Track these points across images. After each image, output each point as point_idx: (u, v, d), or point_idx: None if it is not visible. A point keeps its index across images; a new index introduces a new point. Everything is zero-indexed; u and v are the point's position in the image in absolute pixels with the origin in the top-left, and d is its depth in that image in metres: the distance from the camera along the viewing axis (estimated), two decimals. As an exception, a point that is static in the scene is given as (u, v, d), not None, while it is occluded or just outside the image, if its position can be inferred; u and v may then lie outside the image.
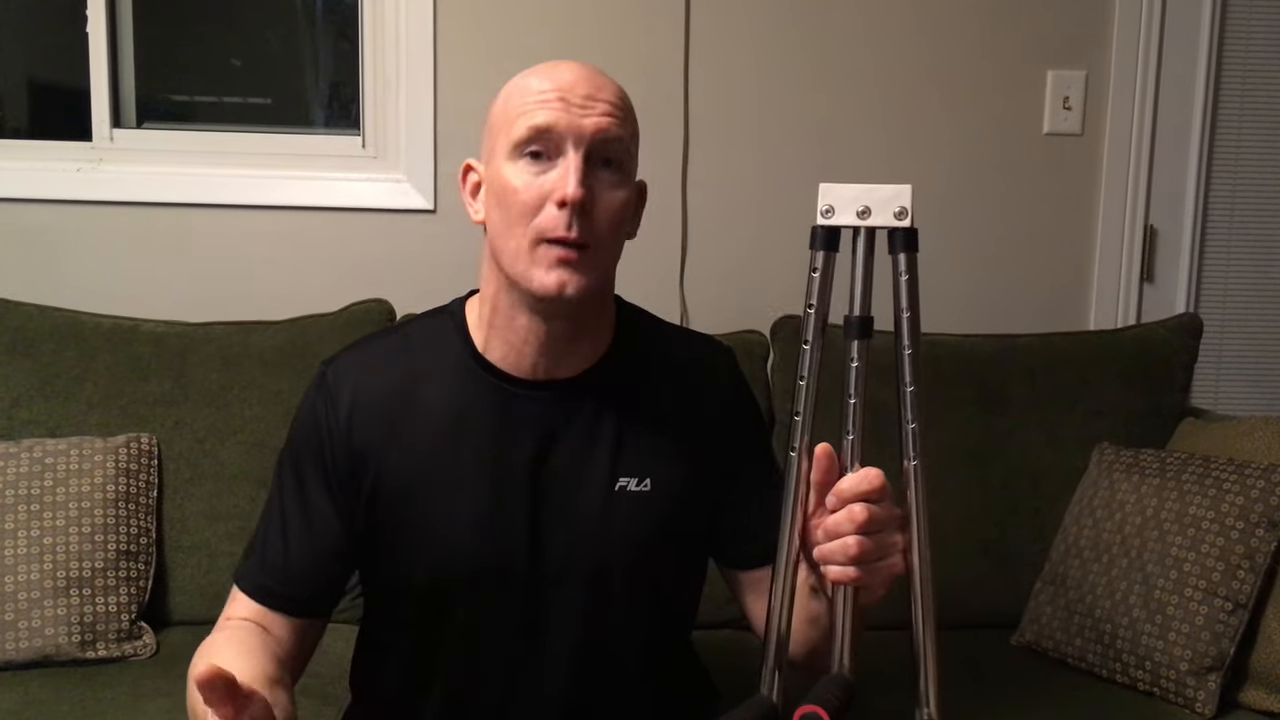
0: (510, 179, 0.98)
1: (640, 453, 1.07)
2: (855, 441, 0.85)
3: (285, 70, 2.35)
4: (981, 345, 1.94)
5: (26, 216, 2.04)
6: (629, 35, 2.09)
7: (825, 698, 0.77)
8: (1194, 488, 1.58)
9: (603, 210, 0.98)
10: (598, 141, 0.98)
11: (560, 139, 0.97)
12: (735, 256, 2.15)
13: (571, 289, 0.97)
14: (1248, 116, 2.28)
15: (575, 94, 0.98)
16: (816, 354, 0.85)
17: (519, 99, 0.99)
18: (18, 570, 1.57)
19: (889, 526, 0.85)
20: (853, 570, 0.84)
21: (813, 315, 0.85)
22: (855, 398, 0.84)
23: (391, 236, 2.09)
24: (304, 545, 1.07)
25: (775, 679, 0.86)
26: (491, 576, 1.05)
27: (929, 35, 2.16)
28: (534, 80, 1.00)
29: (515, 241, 0.98)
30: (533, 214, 0.97)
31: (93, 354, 1.77)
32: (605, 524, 1.06)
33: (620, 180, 1.01)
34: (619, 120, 1.00)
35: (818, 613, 1.01)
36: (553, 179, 0.97)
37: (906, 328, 0.82)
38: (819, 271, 0.85)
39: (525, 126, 0.97)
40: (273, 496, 1.11)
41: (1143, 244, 2.25)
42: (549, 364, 1.05)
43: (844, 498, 0.84)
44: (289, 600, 1.07)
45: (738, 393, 1.17)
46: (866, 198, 0.83)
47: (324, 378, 1.09)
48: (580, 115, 0.97)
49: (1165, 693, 1.52)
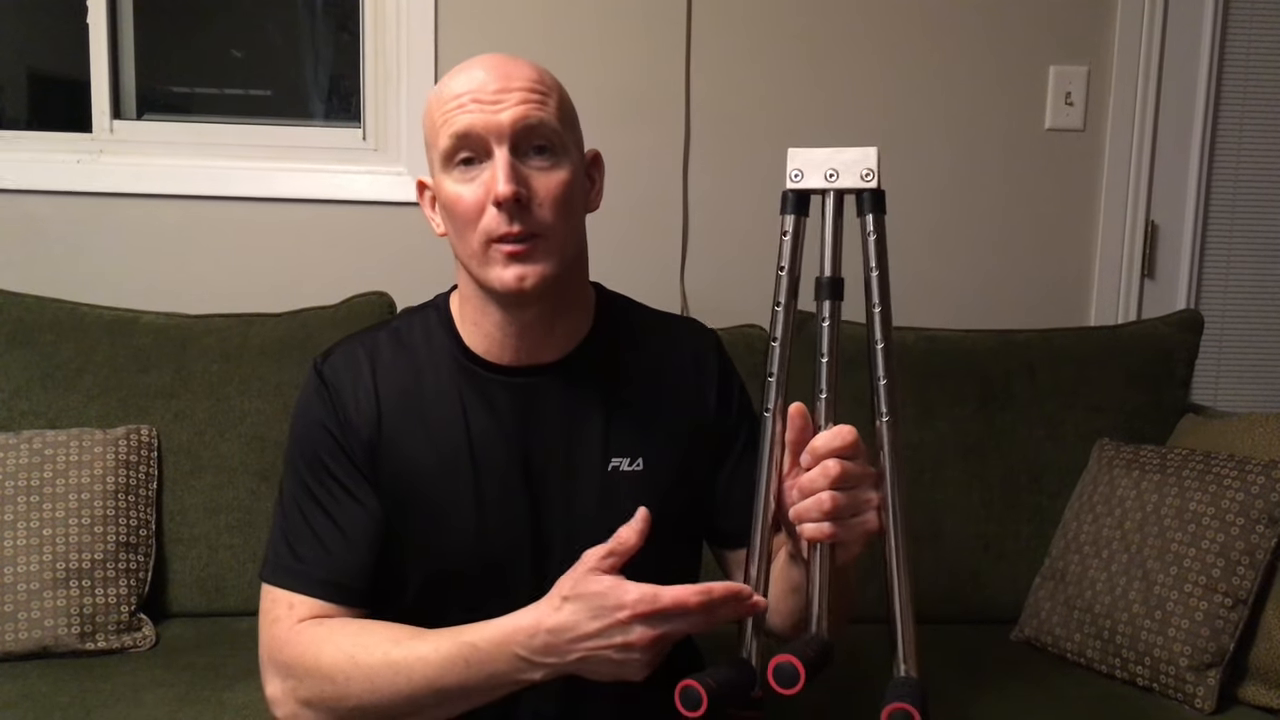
0: (450, 190, 1.00)
1: (630, 432, 1.08)
2: (828, 401, 0.86)
3: (286, 62, 2.34)
4: (982, 340, 1.94)
5: (27, 207, 2.03)
6: (630, 26, 2.08)
7: (801, 651, 0.77)
8: (1194, 484, 1.58)
9: (544, 197, 0.99)
10: (520, 131, 0.98)
11: (482, 140, 0.98)
12: (736, 251, 2.15)
13: (530, 280, 0.98)
14: (1249, 113, 2.28)
15: (486, 92, 0.98)
16: (789, 316, 0.88)
17: (439, 110, 1.00)
18: (17, 561, 1.57)
19: (863, 482, 0.86)
20: (828, 526, 0.85)
21: (784, 277, 0.88)
22: (827, 356, 0.86)
23: (392, 229, 2.09)
24: (352, 533, 1.05)
25: (754, 644, 0.87)
26: (491, 565, 1.06)
27: (931, 30, 2.16)
28: (446, 88, 1.00)
29: (469, 247, 1.00)
30: (477, 218, 0.98)
31: (93, 345, 1.77)
32: (601, 505, 1.06)
33: (555, 162, 1.01)
34: (537, 103, 0.99)
35: (799, 582, 1.00)
36: (486, 180, 0.98)
37: (876, 285, 0.85)
38: (789, 235, 0.88)
39: (447, 136, 0.98)
40: (295, 497, 1.08)
41: (1144, 240, 2.25)
42: (529, 350, 1.06)
43: (818, 454, 0.85)
44: (357, 593, 1.05)
45: (722, 370, 1.17)
46: (833, 160, 0.85)
47: (320, 375, 1.09)
48: (494, 111, 0.97)
49: (1165, 688, 1.52)
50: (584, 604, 0.88)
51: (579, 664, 0.90)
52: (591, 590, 0.87)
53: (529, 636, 0.91)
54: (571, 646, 0.89)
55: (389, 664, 0.96)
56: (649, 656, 0.88)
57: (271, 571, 1.06)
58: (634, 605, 0.85)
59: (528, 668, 0.92)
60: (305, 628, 1.02)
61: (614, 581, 0.87)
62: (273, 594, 1.05)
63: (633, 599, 0.86)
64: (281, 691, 1.01)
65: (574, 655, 0.89)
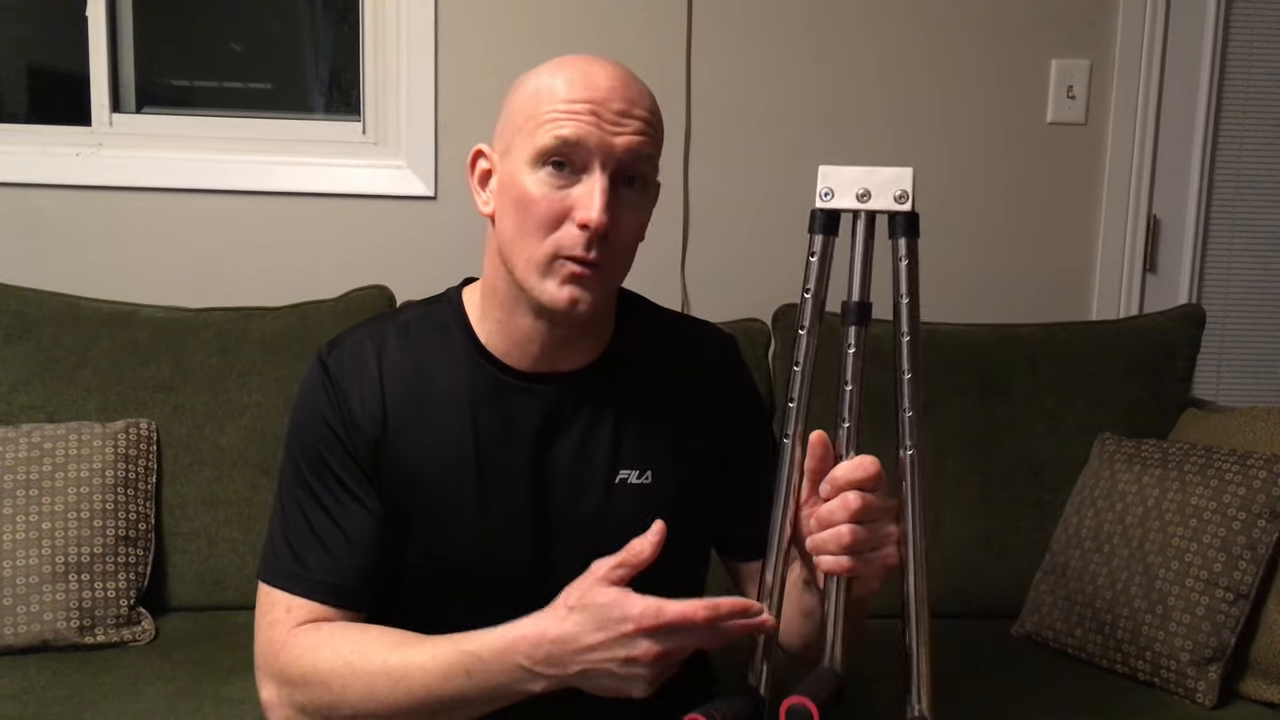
0: (530, 188, 0.95)
1: (641, 445, 1.06)
2: (851, 429, 0.84)
3: (286, 55, 2.33)
4: (983, 334, 1.93)
5: (26, 201, 2.03)
6: (631, 19, 2.08)
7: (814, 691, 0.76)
8: (1196, 478, 1.58)
9: (623, 232, 0.96)
10: (627, 161, 0.95)
11: (588, 155, 0.93)
12: (737, 245, 2.15)
13: (584, 306, 0.96)
14: (1252, 107, 2.27)
15: (609, 108, 0.93)
16: (813, 340, 0.85)
17: (547, 102, 0.94)
18: (16, 555, 1.56)
19: (884, 516, 0.83)
20: (846, 560, 0.83)
21: (810, 301, 0.84)
22: (851, 384, 0.84)
23: (392, 223, 2.09)
24: (351, 533, 1.02)
25: (764, 669, 0.85)
26: (492, 569, 1.04)
27: (933, 23, 2.15)
28: (563, 84, 0.95)
29: (529, 251, 0.96)
30: (551, 228, 0.94)
31: (92, 339, 1.76)
32: (605, 517, 1.05)
33: (643, 200, 0.99)
34: (650, 138, 0.96)
35: (812, 606, 0.98)
36: (576, 195, 0.94)
37: (905, 314, 0.81)
38: (817, 256, 0.84)
39: (552, 136, 0.93)
40: (293, 494, 1.05)
41: (1145, 234, 2.24)
42: (551, 359, 1.04)
43: (838, 485, 0.83)
44: (355, 594, 1.03)
45: (740, 381, 1.16)
46: (866, 180, 0.82)
47: (325, 367, 1.05)
48: (612, 133, 0.93)
49: (1166, 683, 1.52)
50: (589, 615, 0.86)
51: (581, 676, 0.88)
52: (598, 601, 0.85)
53: (532, 646, 0.88)
54: (575, 658, 0.87)
55: (387, 671, 0.94)
56: (653, 672, 0.86)
57: (270, 573, 1.03)
58: (639, 618, 0.83)
59: (529, 678, 0.90)
60: (302, 632, 1.00)
61: (620, 593, 0.85)
62: (271, 595, 1.02)
63: (638, 611, 0.83)
64: (277, 697, 1.00)
65: (576, 667, 0.87)
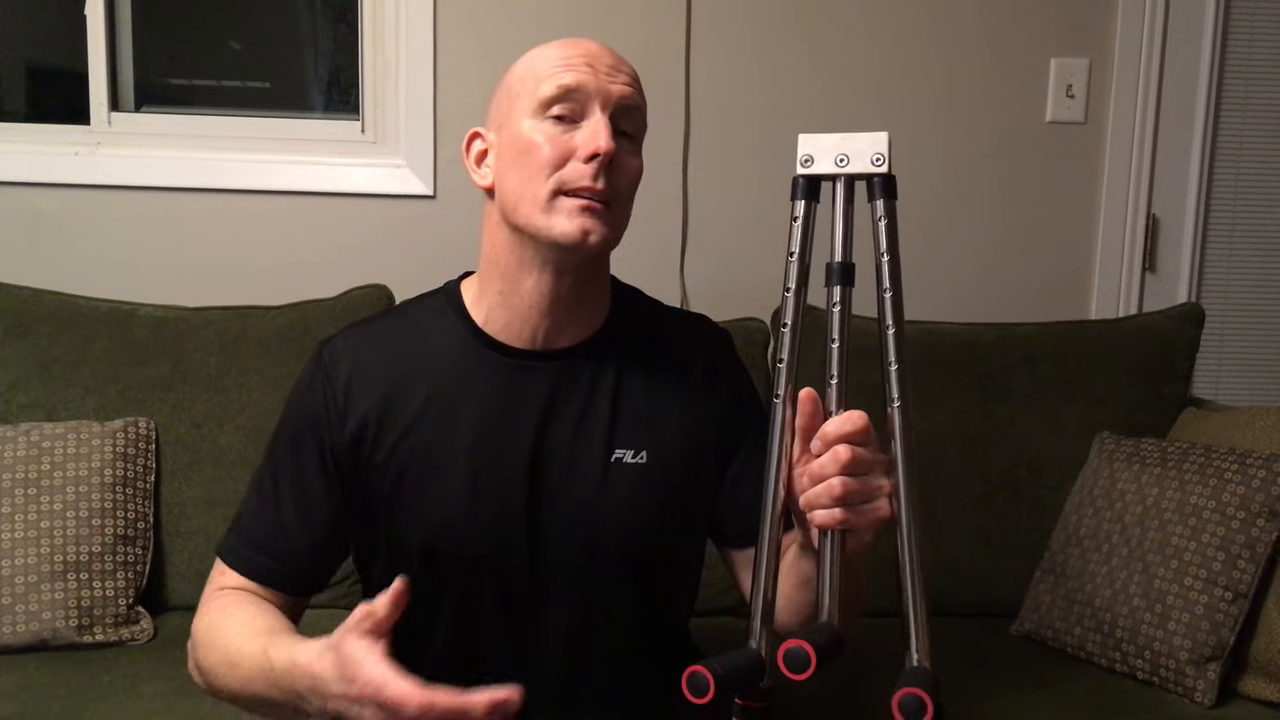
0: (533, 135, 1.00)
1: (637, 425, 1.08)
2: (839, 386, 0.85)
3: (285, 54, 2.33)
4: (982, 333, 1.93)
5: (24, 200, 2.03)
6: (630, 17, 2.08)
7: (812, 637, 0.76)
8: (1195, 477, 1.58)
9: (624, 173, 1.01)
10: (622, 107, 1.00)
11: (587, 99, 0.99)
12: (736, 243, 2.15)
13: (595, 237, 0.98)
14: (1251, 106, 2.27)
15: (601, 61, 1.01)
16: (799, 301, 0.87)
17: (544, 63, 1.01)
18: (15, 554, 1.56)
19: (874, 469, 0.84)
20: (839, 512, 0.83)
21: (794, 263, 0.87)
22: (837, 341, 0.85)
23: (391, 222, 2.09)
24: (300, 523, 1.07)
25: (762, 634, 0.85)
26: (488, 550, 1.05)
27: (932, 22, 2.15)
28: (556, 48, 1.02)
29: (534, 192, 0.99)
30: (555, 168, 0.99)
31: (90, 338, 1.76)
32: (600, 495, 1.06)
33: (636, 150, 1.04)
34: (638, 94, 1.03)
35: (809, 575, 0.98)
36: (579, 138, 0.99)
37: (887, 270, 0.84)
38: (800, 220, 0.86)
39: (554, 85, 0.99)
40: (264, 473, 1.10)
41: (1145, 233, 2.24)
42: (550, 330, 1.06)
43: (828, 440, 0.84)
44: (285, 578, 1.08)
45: (734, 368, 1.17)
46: (844, 146, 0.84)
47: (320, 356, 1.09)
48: (607, 80, 1.00)
49: (1165, 682, 1.52)
50: (334, 661, 0.85)
51: (342, 714, 0.86)
52: (343, 651, 0.84)
53: (302, 673, 0.88)
54: (327, 699, 0.86)
55: (228, 655, 0.99)
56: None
57: (222, 543, 1.10)
58: (362, 686, 0.82)
59: (305, 701, 0.90)
60: (215, 596, 1.06)
61: (364, 651, 0.83)
62: (218, 564, 1.09)
63: (364, 678, 0.82)
64: (189, 652, 1.06)
65: (332, 705, 0.86)
